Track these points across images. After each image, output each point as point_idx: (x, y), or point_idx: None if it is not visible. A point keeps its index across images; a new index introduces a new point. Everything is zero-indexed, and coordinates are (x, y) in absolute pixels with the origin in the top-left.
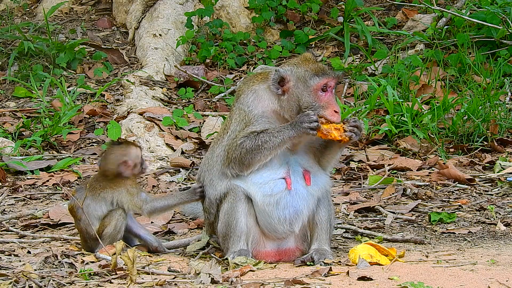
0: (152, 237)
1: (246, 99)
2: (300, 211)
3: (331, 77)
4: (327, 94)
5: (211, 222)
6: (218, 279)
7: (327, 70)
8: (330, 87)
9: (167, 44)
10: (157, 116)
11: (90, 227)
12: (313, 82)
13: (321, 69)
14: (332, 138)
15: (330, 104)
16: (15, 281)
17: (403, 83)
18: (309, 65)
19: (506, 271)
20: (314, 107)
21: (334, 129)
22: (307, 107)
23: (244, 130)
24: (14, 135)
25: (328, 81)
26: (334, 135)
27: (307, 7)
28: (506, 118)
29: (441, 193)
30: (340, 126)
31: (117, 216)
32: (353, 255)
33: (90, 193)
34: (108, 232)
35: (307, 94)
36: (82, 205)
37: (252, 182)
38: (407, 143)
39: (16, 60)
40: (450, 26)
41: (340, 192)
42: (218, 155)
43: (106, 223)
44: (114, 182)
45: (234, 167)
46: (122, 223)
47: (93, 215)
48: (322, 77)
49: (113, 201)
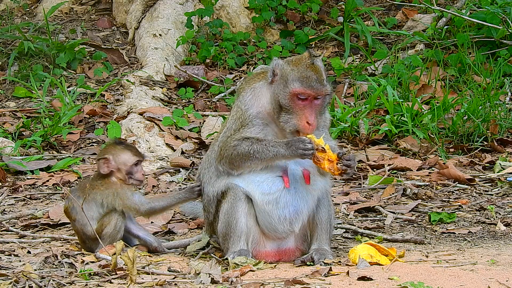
0: (151, 238)
1: (245, 97)
2: (300, 210)
3: (310, 90)
4: (305, 103)
5: (211, 221)
6: (218, 279)
7: (312, 81)
8: (309, 97)
9: (167, 44)
10: (157, 116)
11: (85, 228)
12: (292, 86)
13: (306, 77)
14: (322, 167)
15: (304, 115)
16: (15, 281)
17: (403, 83)
18: (298, 67)
19: (506, 271)
20: (289, 111)
21: (327, 159)
22: (284, 109)
23: (239, 131)
24: (14, 135)
25: (306, 92)
26: (324, 165)
27: (307, 7)
28: (506, 118)
29: (441, 193)
30: (334, 158)
31: (117, 216)
32: (353, 255)
33: (82, 194)
34: (108, 232)
35: (284, 95)
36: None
37: (249, 180)
38: (407, 143)
39: (16, 60)
40: (450, 26)
41: (340, 192)
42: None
43: (105, 223)
44: (102, 183)
45: (225, 164)
46: (121, 223)
47: (88, 215)
48: (301, 86)
49: (103, 203)
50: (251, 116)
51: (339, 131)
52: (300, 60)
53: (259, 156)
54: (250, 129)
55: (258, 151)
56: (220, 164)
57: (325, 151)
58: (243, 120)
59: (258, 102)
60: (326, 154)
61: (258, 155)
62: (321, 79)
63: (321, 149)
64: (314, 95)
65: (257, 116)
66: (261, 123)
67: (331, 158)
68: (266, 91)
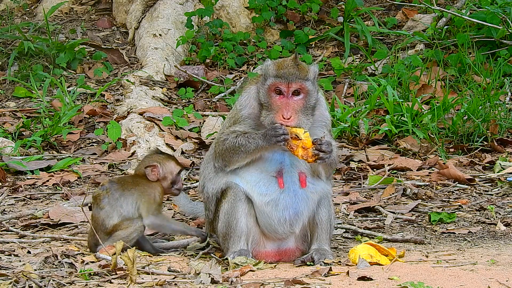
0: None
1: (241, 98)
2: (301, 212)
3: (283, 83)
4: (282, 98)
5: (211, 220)
6: (218, 279)
7: (288, 75)
8: (286, 91)
9: (167, 44)
10: (157, 116)
11: (108, 220)
12: (268, 82)
13: (282, 72)
14: (296, 155)
15: (280, 109)
16: (15, 281)
17: (403, 83)
18: (279, 64)
19: (506, 271)
20: (268, 108)
21: (301, 147)
22: (264, 106)
23: (230, 128)
24: (14, 135)
25: (279, 84)
26: (298, 152)
27: (307, 7)
28: (506, 118)
29: (441, 193)
30: (309, 146)
31: (136, 226)
32: (353, 255)
33: (121, 187)
34: (121, 235)
35: (263, 91)
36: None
37: (246, 180)
38: (407, 143)
39: (16, 60)
40: (450, 26)
41: (340, 192)
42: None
43: (124, 226)
44: (148, 184)
45: (219, 160)
46: (137, 235)
47: (117, 210)
48: (276, 79)
49: (138, 201)
50: (243, 116)
51: (339, 131)
52: (284, 60)
53: (244, 149)
54: (240, 126)
55: (243, 144)
56: (215, 160)
57: (299, 138)
58: (235, 119)
59: (251, 103)
60: (300, 141)
61: (243, 148)
62: (299, 74)
63: (295, 137)
64: (288, 88)
65: (249, 117)
66: (253, 124)
67: (306, 145)
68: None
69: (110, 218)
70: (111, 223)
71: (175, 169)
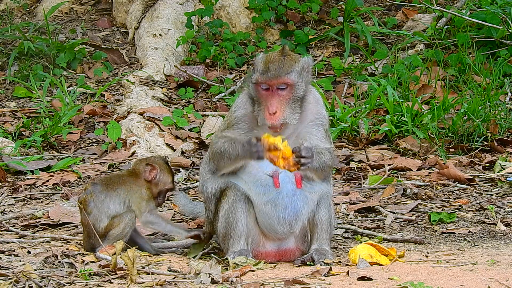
0: (149, 247)
1: (237, 99)
2: (300, 212)
3: (266, 78)
4: (268, 93)
5: (211, 220)
6: (218, 279)
7: (271, 69)
8: (270, 86)
9: (167, 44)
10: (157, 116)
11: (98, 223)
12: (254, 77)
13: (267, 66)
14: (278, 166)
15: (267, 105)
16: (15, 281)
17: (403, 83)
18: (266, 58)
19: (506, 271)
20: (258, 103)
21: (281, 157)
22: (255, 101)
23: (223, 131)
24: (14, 135)
25: (263, 80)
26: (279, 163)
27: (307, 7)
28: (506, 118)
29: (441, 193)
30: (289, 155)
31: (127, 220)
32: (353, 255)
33: (106, 188)
34: (115, 233)
35: (252, 86)
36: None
37: (244, 180)
38: (407, 143)
39: (16, 60)
40: (450, 26)
41: (340, 192)
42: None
43: (115, 224)
44: (134, 181)
45: (211, 162)
46: (130, 228)
47: (105, 211)
48: (260, 74)
49: (126, 200)
50: (237, 118)
51: (339, 131)
52: (272, 53)
53: (228, 156)
54: (232, 129)
55: (227, 150)
56: (209, 163)
57: (277, 149)
58: (230, 121)
59: (245, 104)
60: (280, 151)
61: (227, 154)
62: (283, 67)
63: (273, 148)
64: (270, 83)
65: (242, 119)
66: (246, 127)
67: (286, 155)
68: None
69: (100, 221)
70: (102, 226)
71: (169, 184)
